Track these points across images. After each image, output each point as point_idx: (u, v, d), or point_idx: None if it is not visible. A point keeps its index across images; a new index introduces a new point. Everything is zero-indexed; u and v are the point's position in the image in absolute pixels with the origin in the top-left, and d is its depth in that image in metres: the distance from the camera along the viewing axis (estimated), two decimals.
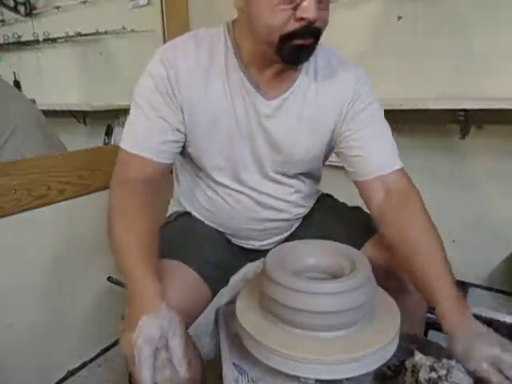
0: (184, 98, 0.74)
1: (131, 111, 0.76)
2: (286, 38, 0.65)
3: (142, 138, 0.73)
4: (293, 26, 0.64)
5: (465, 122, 1.24)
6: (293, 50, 0.67)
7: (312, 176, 0.93)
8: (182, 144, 0.79)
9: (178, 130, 0.76)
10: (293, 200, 0.90)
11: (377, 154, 0.79)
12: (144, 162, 0.73)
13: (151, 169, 0.74)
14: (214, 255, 0.83)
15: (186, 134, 0.78)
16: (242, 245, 0.93)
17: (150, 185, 0.73)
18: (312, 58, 0.76)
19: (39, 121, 1.30)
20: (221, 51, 0.75)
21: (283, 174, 0.86)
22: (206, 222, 0.91)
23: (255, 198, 0.85)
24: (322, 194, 1.02)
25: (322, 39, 0.71)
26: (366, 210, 0.85)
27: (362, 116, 0.80)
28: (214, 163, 0.81)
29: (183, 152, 0.83)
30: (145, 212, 0.70)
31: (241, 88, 0.75)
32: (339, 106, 0.79)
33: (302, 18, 0.63)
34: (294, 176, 0.88)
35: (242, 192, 0.84)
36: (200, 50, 0.74)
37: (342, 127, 0.81)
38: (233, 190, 0.84)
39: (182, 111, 0.75)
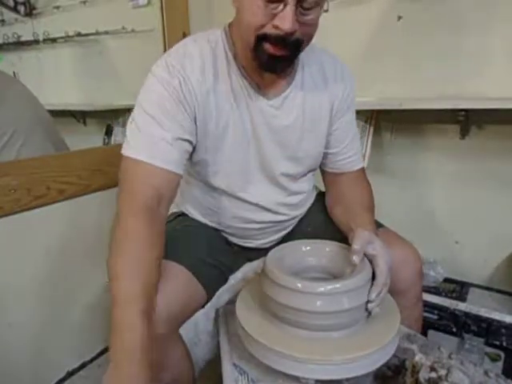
0: (196, 108, 0.73)
1: (138, 119, 0.70)
2: (261, 38, 0.66)
3: (156, 148, 0.68)
4: (268, 29, 0.65)
5: (465, 121, 1.24)
6: (266, 57, 0.68)
7: (310, 178, 0.95)
8: (190, 153, 0.77)
9: (190, 140, 0.74)
10: (294, 203, 0.92)
11: (349, 154, 0.89)
12: (157, 172, 0.68)
13: (165, 181, 0.69)
14: (210, 255, 0.83)
15: (195, 144, 0.77)
16: (240, 243, 0.94)
17: (161, 204, 0.68)
18: (306, 62, 0.80)
19: (42, 120, 1.29)
20: (222, 58, 0.75)
21: (288, 176, 0.87)
22: (205, 221, 0.91)
23: (259, 204, 0.86)
24: (320, 192, 1.03)
25: (322, 38, 0.71)
26: None
27: (346, 118, 0.88)
28: (220, 172, 0.81)
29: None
30: (153, 255, 0.64)
31: (244, 92, 0.76)
32: (331, 103, 0.84)
33: (277, 26, 0.63)
34: (298, 179, 0.90)
35: (245, 200, 0.85)
36: (204, 60, 0.73)
37: (333, 125, 0.87)
38: (237, 197, 0.85)
39: (195, 121, 0.74)
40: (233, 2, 0.71)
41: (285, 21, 0.62)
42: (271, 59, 0.68)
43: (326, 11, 0.69)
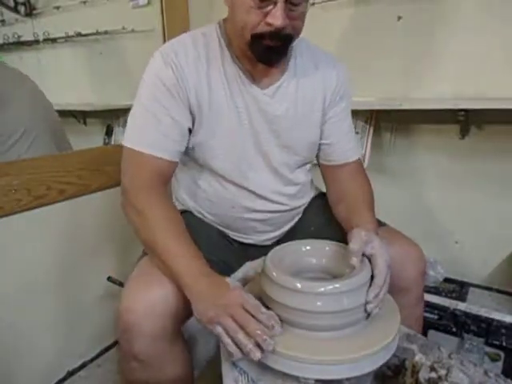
0: (191, 94, 0.77)
1: (137, 113, 0.78)
2: (257, 37, 0.71)
3: (156, 140, 0.76)
4: (262, 28, 0.70)
5: (465, 122, 1.24)
6: (262, 50, 0.73)
7: (307, 169, 0.97)
8: (187, 139, 0.82)
9: (188, 129, 0.80)
10: (291, 193, 0.93)
11: (344, 144, 0.90)
12: (159, 162, 0.77)
13: (166, 168, 0.78)
14: (212, 252, 0.83)
15: (192, 131, 0.81)
16: (241, 240, 0.94)
17: (164, 182, 0.79)
18: (298, 52, 0.84)
19: (51, 120, 1.29)
20: (215, 47, 0.80)
21: (284, 165, 0.88)
22: (206, 216, 0.92)
23: (257, 192, 0.87)
24: (321, 192, 1.03)
25: (322, 38, 0.73)
26: None
27: (340, 107, 0.89)
28: (217, 158, 0.83)
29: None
30: (175, 215, 0.76)
31: (237, 80, 0.80)
32: (324, 93, 0.87)
33: (270, 24, 0.69)
34: (295, 169, 0.91)
35: (244, 187, 0.86)
36: (197, 48, 0.78)
37: (326, 114, 0.88)
38: (235, 183, 0.86)
39: (190, 108, 0.79)
40: (225, 1, 0.76)
41: (276, 18, 0.67)
42: (267, 51, 0.73)
43: (313, 4, 0.72)
